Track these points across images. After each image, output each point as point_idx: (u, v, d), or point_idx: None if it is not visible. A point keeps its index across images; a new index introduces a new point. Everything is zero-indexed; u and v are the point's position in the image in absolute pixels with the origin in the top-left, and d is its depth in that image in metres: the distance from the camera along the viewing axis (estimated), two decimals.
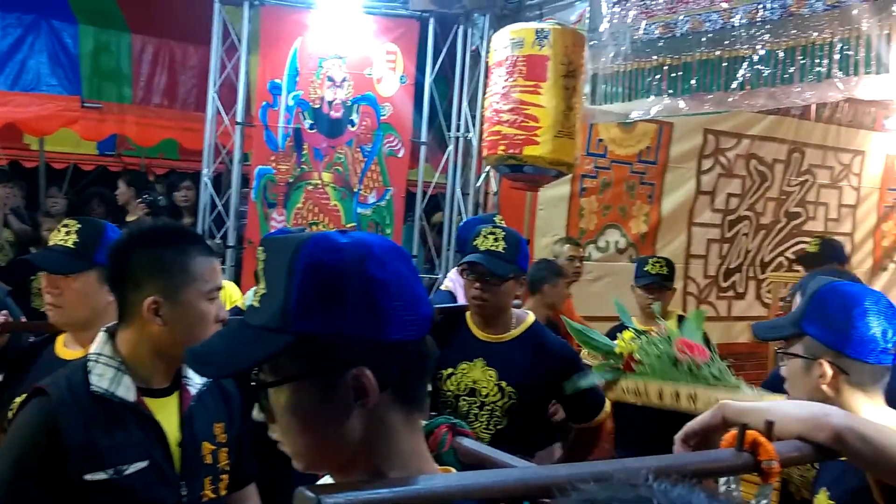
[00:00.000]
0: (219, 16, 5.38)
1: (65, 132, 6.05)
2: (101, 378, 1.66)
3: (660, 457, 1.18)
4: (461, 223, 4.67)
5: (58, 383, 1.66)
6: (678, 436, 1.40)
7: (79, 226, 2.20)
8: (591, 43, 4.17)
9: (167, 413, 1.72)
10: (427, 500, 0.90)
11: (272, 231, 4.98)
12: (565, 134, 3.87)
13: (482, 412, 2.74)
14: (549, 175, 4.02)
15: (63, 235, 2.18)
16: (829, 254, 4.92)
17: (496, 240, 2.74)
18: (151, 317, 1.66)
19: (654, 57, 3.97)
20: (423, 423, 1.04)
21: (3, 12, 5.60)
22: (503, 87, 3.93)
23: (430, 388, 1.04)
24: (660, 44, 3.92)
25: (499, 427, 2.73)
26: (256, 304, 0.99)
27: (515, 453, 1.25)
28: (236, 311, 3.21)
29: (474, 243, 2.78)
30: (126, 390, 1.67)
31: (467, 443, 1.22)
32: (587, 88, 4.23)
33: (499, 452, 1.23)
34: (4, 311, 2.42)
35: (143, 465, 1.63)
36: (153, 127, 6.22)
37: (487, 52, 4.41)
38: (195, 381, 1.79)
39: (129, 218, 5.71)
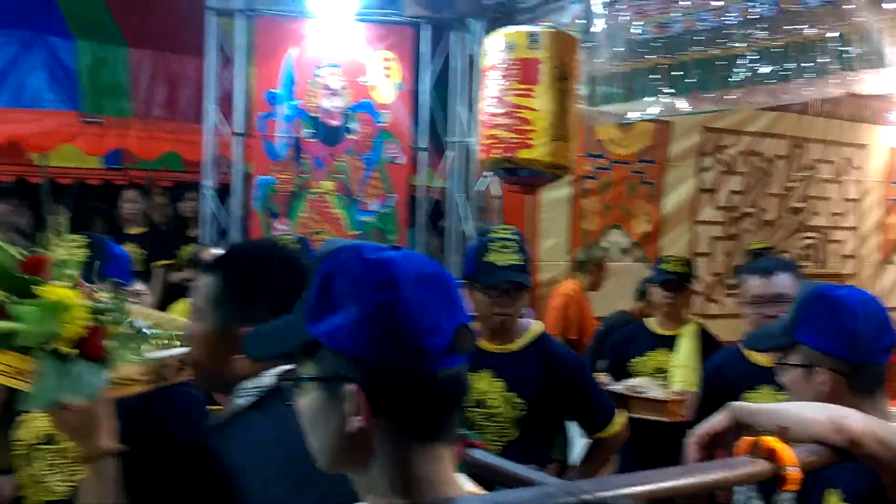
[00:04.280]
0: (213, 27, 5.39)
1: (69, 147, 6.07)
2: None
3: (679, 469, 1.17)
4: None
5: None
6: (692, 440, 1.38)
7: (84, 241, 2.22)
8: (586, 45, 4.16)
9: None
10: None
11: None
12: (560, 136, 3.86)
13: (490, 424, 2.68)
14: (545, 178, 4.02)
15: (73, 250, 2.20)
16: None
17: (513, 252, 2.66)
18: None
19: (650, 57, 3.96)
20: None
21: (0, 29, 5.63)
22: (498, 91, 3.93)
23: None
24: (655, 44, 3.91)
25: (509, 439, 2.68)
26: None
27: (526, 465, 1.24)
28: None
29: (487, 260, 2.65)
30: None
31: (477, 454, 1.22)
32: (584, 90, 4.22)
33: (511, 464, 1.22)
34: None
35: None
36: (154, 140, 6.23)
37: (482, 56, 4.40)
38: None
39: (131, 231, 5.73)
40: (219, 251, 4.53)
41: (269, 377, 1.49)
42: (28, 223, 6.18)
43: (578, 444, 4.17)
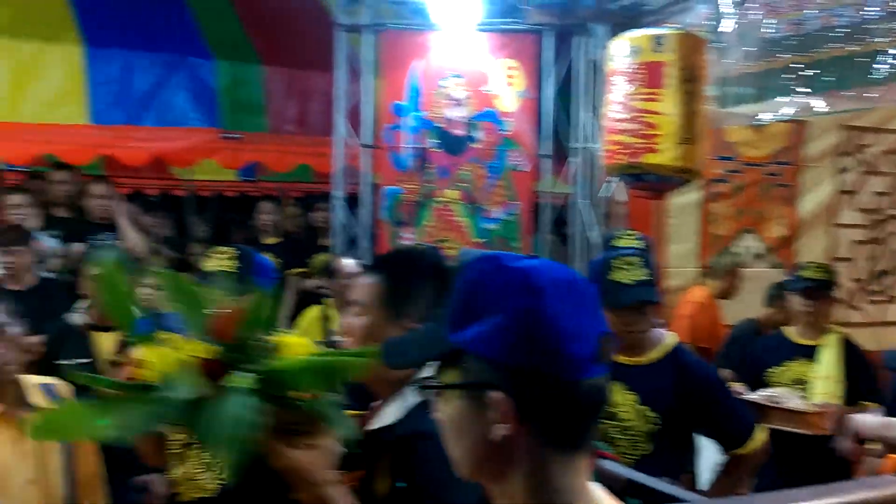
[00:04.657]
0: (342, 43, 5.59)
1: (209, 162, 6.41)
2: None
3: (839, 487, 1.12)
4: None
5: None
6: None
7: (236, 252, 2.38)
8: (715, 45, 4.06)
9: None
10: None
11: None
12: (688, 140, 3.76)
13: (623, 437, 2.62)
14: (673, 183, 3.93)
15: (225, 261, 2.35)
16: None
17: (637, 268, 2.59)
18: None
19: (783, 56, 3.82)
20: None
21: (146, 52, 6.02)
22: (622, 96, 3.88)
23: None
24: (788, 42, 3.78)
25: (642, 452, 2.60)
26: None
27: (659, 478, 1.21)
28: None
29: (612, 278, 2.58)
30: None
31: (608, 465, 1.21)
32: (714, 92, 4.11)
33: (646, 477, 1.20)
34: None
35: None
36: (287, 154, 6.50)
37: (606, 61, 4.37)
38: None
39: (267, 241, 5.98)
40: (349, 260, 4.72)
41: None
42: (172, 234, 6.58)
43: (707, 454, 4.06)
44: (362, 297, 1.69)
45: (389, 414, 1.62)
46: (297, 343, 1.31)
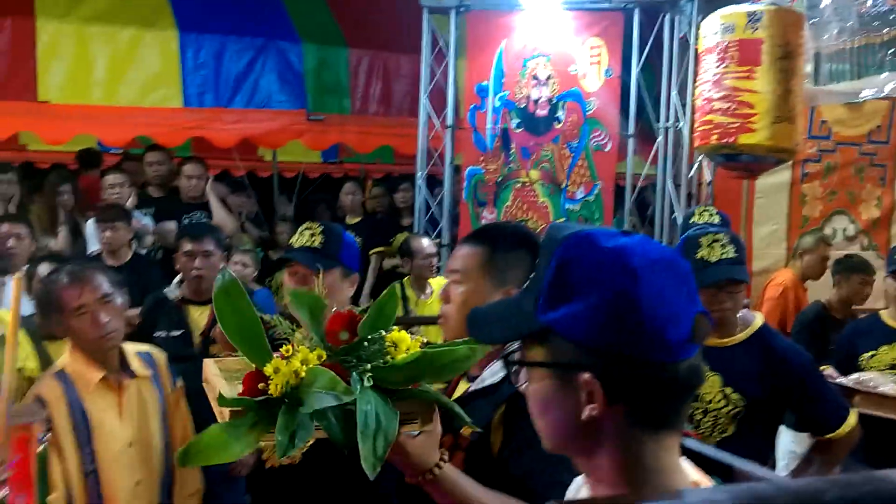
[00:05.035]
0: (427, 25, 5.61)
1: (295, 143, 6.55)
2: None
3: None
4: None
5: None
6: None
7: (321, 228, 2.42)
8: (812, 21, 3.92)
9: None
10: None
11: None
12: (784, 119, 3.66)
13: (706, 419, 2.60)
14: (768, 162, 3.82)
15: (309, 237, 2.40)
16: None
17: (723, 245, 2.56)
18: None
19: (886, 30, 3.67)
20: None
21: (237, 37, 6.18)
22: (714, 75, 3.79)
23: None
24: (891, 16, 3.62)
25: (724, 435, 2.59)
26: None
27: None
28: None
29: (699, 256, 2.55)
30: None
31: (690, 443, 1.20)
32: (809, 68, 3.98)
33: (728, 455, 1.18)
34: None
35: None
36: (370, 135, 6.58)
37: (696, 38, 4.27)
38: None
39: (350, 221, 6.08)
40: (425, 239, 4.76)
41: None
42: (258, 214, 6.75)
43: (784, 440, 3.97)
44: (463, 266, 1.72)
45: (494, 374, 1.65)
46: (406, 339, 1.33)
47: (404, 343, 1.32)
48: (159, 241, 4.98)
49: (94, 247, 4.65)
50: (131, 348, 2.58)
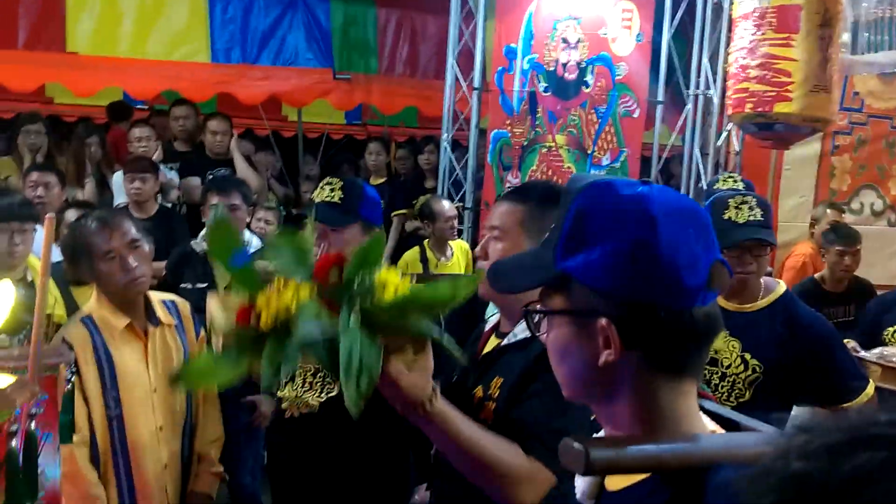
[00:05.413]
0: None
1: (321, 102, 6.52)
2: None
3: None
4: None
5: None
6: None
7: (341, 183, 2.41)
8: None
9: None
10: (692, 459, 0.89)
11: None
12: (821, 88, 3.58)
13: (723, 383, 2.60)
14: (802, 133, 3.76)
15: (329, 192, 2.39)
16: None
17: (751, 207, 2.54)
18: None
19: None
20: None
21: None
22: (750, 42, 3.71)
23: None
24: None
25: (741, 400, 2.59)
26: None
27: None
28: None
29: (727, 217, 2.53)
30: None
31: (708, 405, 1.20)
32: (846, 37, 3.90)
33: (745, 417, 1.18)
34: None
35: None
36: (396, 96, 6.54)
37: (731, 4, 4.18)
38: None
39: (373, 182, 6.07)
40: (446, 202, 4.74)
41: None
42: (283, 171, 6.75)
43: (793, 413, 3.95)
44: (502, 222, 1.72)
45: (525, 329, 1.65)
46: (395, 280, 1.31)
47: (393, 283, 1.31)
48: (184, 197, 5.01)
49: (120, 199, 4.68)
50: (156, 297, 2.60)
